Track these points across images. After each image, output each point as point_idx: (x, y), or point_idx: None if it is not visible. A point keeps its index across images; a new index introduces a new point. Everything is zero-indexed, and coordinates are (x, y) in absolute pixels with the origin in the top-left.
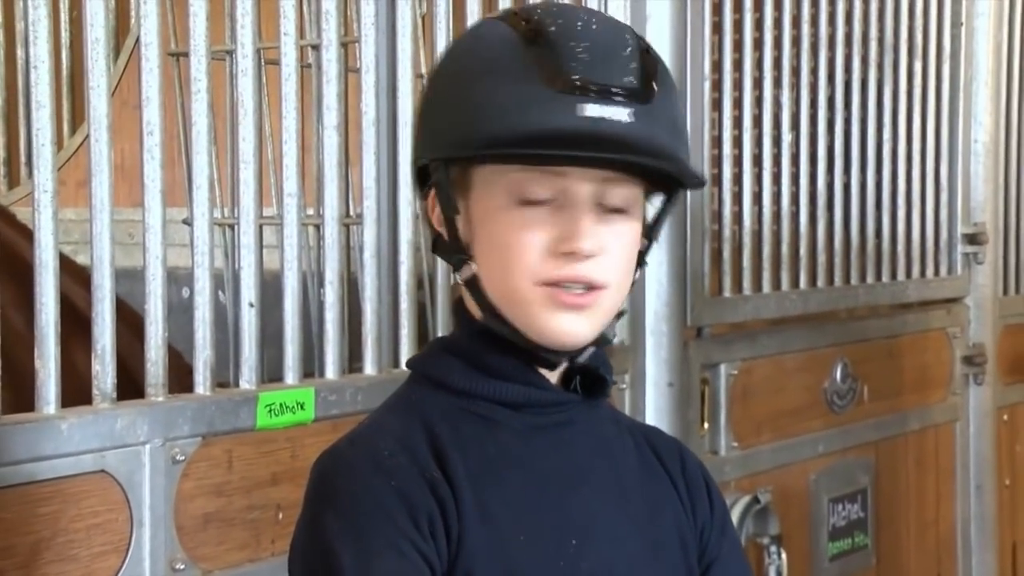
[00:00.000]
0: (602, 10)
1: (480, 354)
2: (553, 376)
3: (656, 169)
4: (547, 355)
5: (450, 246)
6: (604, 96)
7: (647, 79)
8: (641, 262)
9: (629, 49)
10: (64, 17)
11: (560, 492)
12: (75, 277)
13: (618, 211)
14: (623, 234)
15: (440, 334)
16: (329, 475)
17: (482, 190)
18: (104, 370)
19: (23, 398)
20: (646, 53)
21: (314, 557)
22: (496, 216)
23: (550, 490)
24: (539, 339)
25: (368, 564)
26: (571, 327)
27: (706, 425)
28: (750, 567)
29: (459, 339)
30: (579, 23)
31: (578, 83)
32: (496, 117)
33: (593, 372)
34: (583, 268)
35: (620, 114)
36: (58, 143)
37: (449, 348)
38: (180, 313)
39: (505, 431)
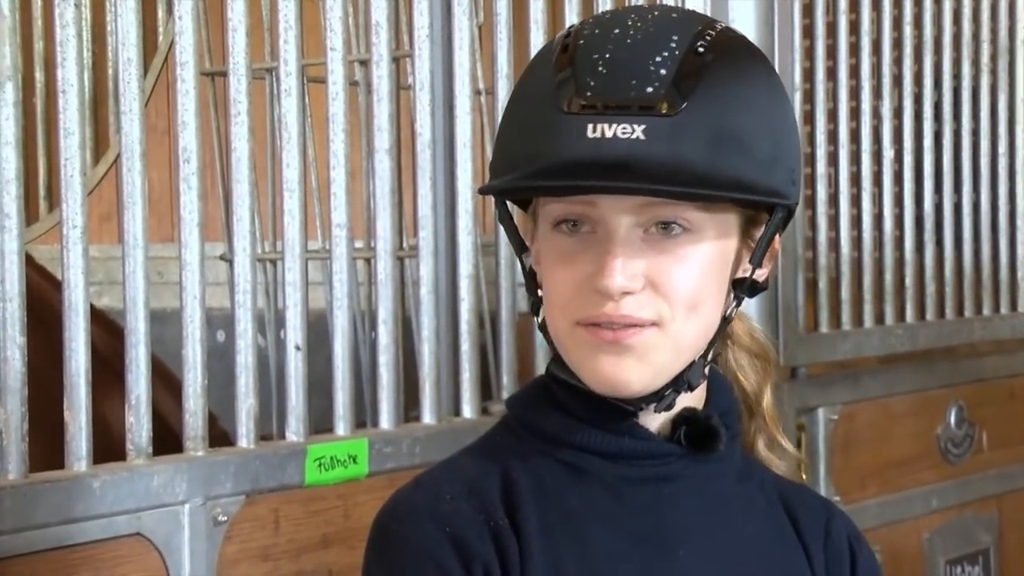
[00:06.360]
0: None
1: (570, 396)
2: (655, 423)
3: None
4: (616, 402)
5: (527, 286)
6: (614, 112)
7: (680, 85)
8: (746, 291)
9: (666, 53)
10: (85, 36)
11: (651, 555)
12: (99, 321)
13: (681, 229)
14: (685, 257)
15: (505, 377)
16: (386, 520)
17: (540, 222)
18: (139, 422)
19: (51, 455)
20: (695, 54)
21: None
22: (543, 249)
23: (639, 552)
24: (592, 387)
25: None
26: (614, 371)
27: (804, 477)
28: None
29: (553, 378)
30: (616, 30)
31: (588, 101)
32: (510, 148)
33: (703, 422)
34: (619, 306)
35: (631, 131)
36: None
37: (543, 388)
38: (215, 358)
39: (593, 483)
